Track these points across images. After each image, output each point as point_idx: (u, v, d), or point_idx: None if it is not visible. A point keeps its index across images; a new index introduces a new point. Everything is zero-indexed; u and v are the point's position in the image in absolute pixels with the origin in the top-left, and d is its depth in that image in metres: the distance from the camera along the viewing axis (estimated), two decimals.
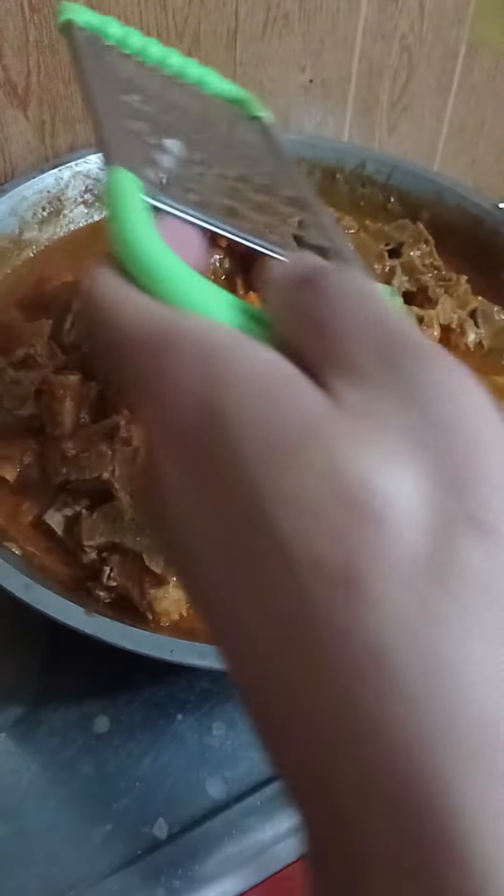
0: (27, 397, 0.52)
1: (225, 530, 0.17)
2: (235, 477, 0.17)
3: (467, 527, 0.15)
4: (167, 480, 0.19)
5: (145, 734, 0.47)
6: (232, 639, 0.18)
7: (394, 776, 0.15)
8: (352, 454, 0.16)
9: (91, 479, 0.48)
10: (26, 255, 0.66)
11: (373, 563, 0.15)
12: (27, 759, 0.45)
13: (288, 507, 0.16)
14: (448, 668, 0.15)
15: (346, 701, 0.15)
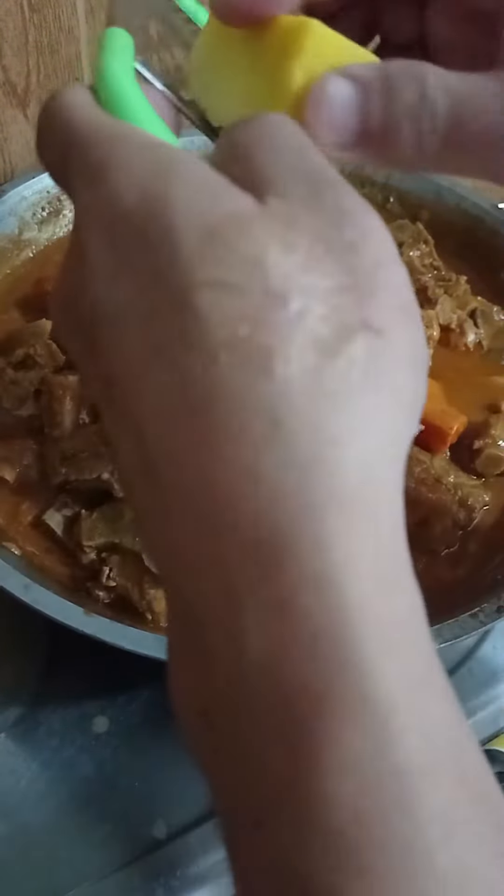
0: (26, 397, 0.52)
1: (145, 309, 0.19)
2: (165, 259, 0.18)
3: (363, 327, 0.18)
4: (95, 263, 0.20)
5: (144, 734, 0.47)
6: (138, 412, 0.19)
7: (280, 533, 0.17)
8: (278, 251, 0.18)
9: (90, 479, 0.48)
10: (26, 255, 0.66)
11: (283, 345, 0.17)
12: (27, 760, 0.45)
13: (213, 288, 0.18)
14: (336, 438, 0.17)
15: (247, 470, 0.17)
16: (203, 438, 0.18)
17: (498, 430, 0.53)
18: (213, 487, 0.17)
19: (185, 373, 0.18)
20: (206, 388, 0.18)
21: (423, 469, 0.50)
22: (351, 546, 0.17)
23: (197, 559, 0.18)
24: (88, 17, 0.65)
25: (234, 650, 0.17)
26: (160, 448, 0.18)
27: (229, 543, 0.17)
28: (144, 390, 0.19)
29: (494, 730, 0.51)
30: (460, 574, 0.49)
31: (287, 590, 0.17)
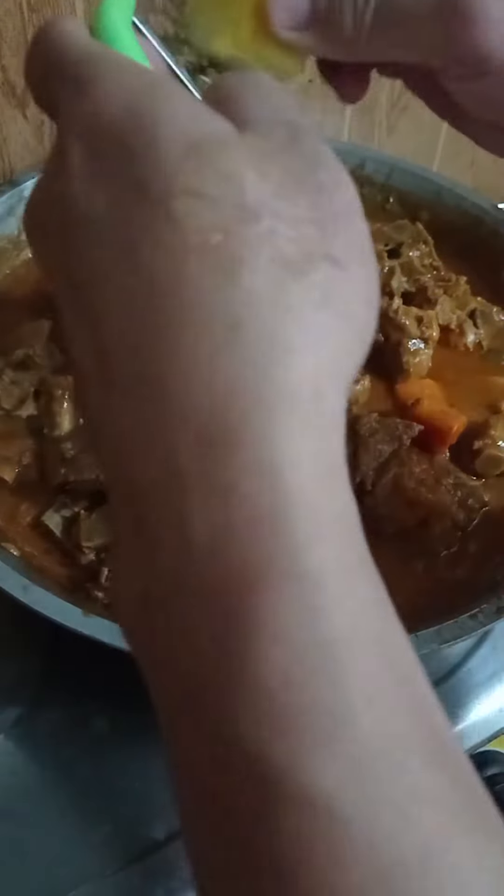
0: (26, 398, 0.52)
1: (120, 213, 0.20)
2: (147, 167, 0.20)
3: (325, 257, 0.20)
4: (74, 169, 0.21)
5: (144, 735, 0.47)
6: (101, 309, 0.20)
7: (230, 425, 0.18)
8: (254, 175, 0.20)
9: (90, 480, 0.48)
10: (25, 255, 0.66)
11: (251, 256, 0.19)
12: (26, 760, 0.45)
13: (191, 197, 0.19)
14: (292, 346, 0.19)
15: (204, 365, 0.19)
16: (164, 334, 0.19)
17: (498, 430, 0.53)
18: (168, 378, 0.19)
19: (154, 272, 0.19)
20: (172, 287, 0.19)
21: (423, 469, 0.50)
22: (295, 443, 0.19)
23: (146, 447, 0.19)
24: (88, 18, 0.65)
25: (179, 533, 0.18)
26: (119, 343, 0.20)
27: (179, 432, 0.19)
28: (110, 289, 0.20)
29: (494, 730, 0.51)
30: (460, 574, 0.49)
31: (233, 476, 0.18)
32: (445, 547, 0.50)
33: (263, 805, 0.17)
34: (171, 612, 0.19)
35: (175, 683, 0.19)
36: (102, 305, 0.20)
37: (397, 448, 0.51)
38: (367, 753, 0.18)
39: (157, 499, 0.19)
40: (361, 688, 0.18)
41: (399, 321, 0.57)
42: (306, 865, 0.17)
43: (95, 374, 0.20)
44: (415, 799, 0.18)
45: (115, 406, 0.20)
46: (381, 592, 0.20)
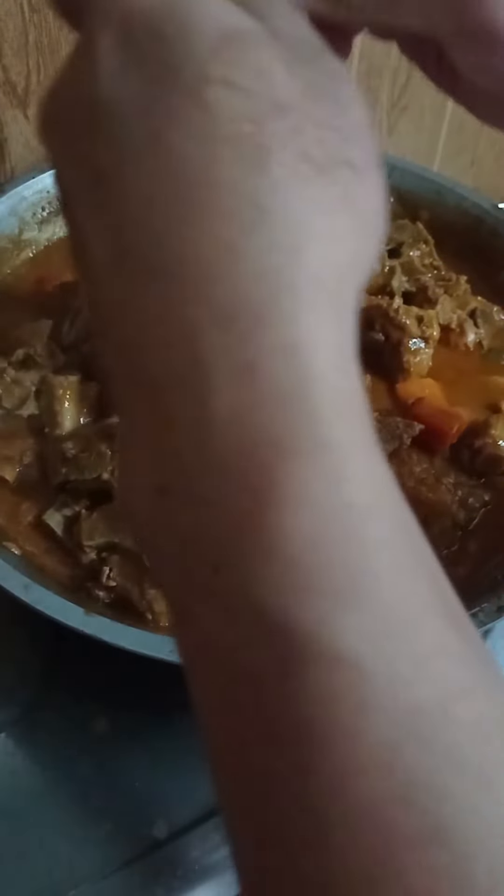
0: (27, 397, 0.52)
1: (150, 100, 0.20)
2: (181, 54, 0.20)
3: (346, 161, 0.20)
4: (104, 57, 0.20)
5: (144, 735, 0.47)
6: (125, 197, 0.20)
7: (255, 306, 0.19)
8: (284, 73, 0.20)
9: (91, 479, 0.48)
10: (26, 255, 0.66)
11: (280, 149, 0.19)
12: (27, 760, 0.45)
13: (224, 86, 0.19)
14: (317, 235, 0.19)
15: (231, 247, 0.19)
16: (191, 217, 0.19)
17: (498, 430, 0.53)
18: (194, 261, 0.19)
19: (183, 157, 0.19)
20: (201, 172, 0.19)
21: (423, 469, 0.51)
22: (319, 326, 0.19)
23: (167, 330, 0.19)
24: None
25: (200, 412, 0.19)
26: (143, 229, 0.20)
27: (203, 313, 0.19)
28: (135, 173, 0.20)
29: None
30: (460, 574, 0.49)
31: (257, 354, 0.19)
32: (445, 546, 0.50)
33: (290, 665, 0.18)
34: (193, 493, 0.19)
35: (197, 565, 0.19)
36: (126, 190, 0.20)
37: (398, 447, 0.51)
38: (390, 611, 0.18)
39: (176, 380, 0.19)
40: (385, 551, 0.19)
41: (399, 321, 0.57)
42: (332, 718, 0.18)
43: (112, 264, 0.20)
44: (438, 653, 0.19)
45: (134, 294, 0.20)
46: (392, 473, 0.20)
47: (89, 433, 0.49)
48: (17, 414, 0.52)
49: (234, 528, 0.19)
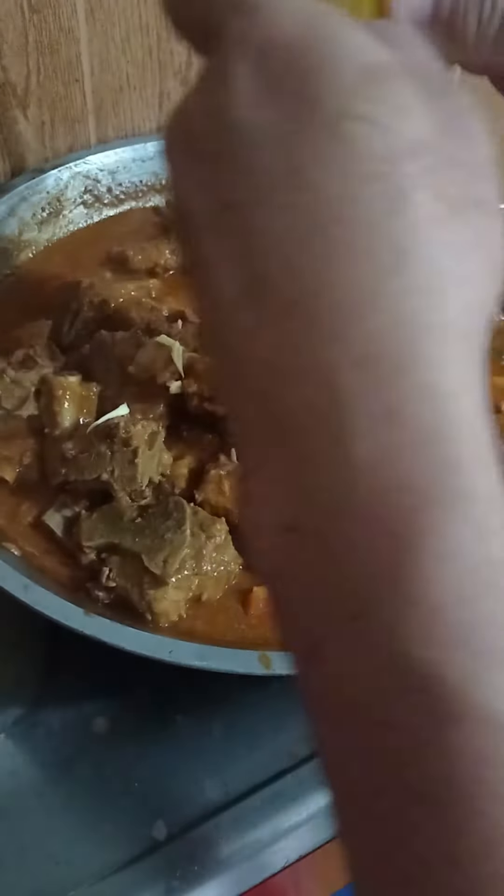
0: (27, 398, 0.52)
1: (289, 132, 0.20)
2: (323, 87, 0.19)
3: (477, 202, 0.20)
4: (241, 86, 0.20)
5: (144, 735, 0.47)
6: (257, 230, 0.20)
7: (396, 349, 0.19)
8: (423, 110, 0.20)
9: (90, 479, 0.48)
10: (26, 255, 0.66)
11: (416, 189, 0.19)
12: (26, 760, 0.45)
13: (366, 123, 0.19)
14: (454, 277, 0.19)
15: (370, 290, 0.19)
16: (330, 256, 0.19)
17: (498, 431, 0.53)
18: (332, 301, 0.19)
19: (322, 193, 0.19)
20: (340, 210, 0.19)
21: None
22: (459, 371, 0.19)
23: (304, 370, 0.19)
24: (88, 18, 0.65)
25: (340, 454, 0.19)
26: (278, 265, 0.19)
27: (342, 354, 0.19)
28: (271, 207, 0.19)
29: None
30: None
31: (399, 398, 0.18)
32: None
33: (434, 720, 0.17)
34: (328, 534, 0.19)
35: (332, 608, 0.19)
36: (260, 225, 0.20)
37: None
38: None
39: (315, 420, 0.19)
40: None
41: None
42: (481, 779, 0.17)
43: (242, 299, 0.20)
44: None
45: (266, 326, 0.20)
46: None
47: (89, 434, 0.49)
48: (17, 414, 0.52)
49: (374, 574, 0.18)
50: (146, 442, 0.48)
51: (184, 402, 0.51)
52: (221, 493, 0.49)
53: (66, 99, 0.68)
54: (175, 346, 0.51)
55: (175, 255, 0.66)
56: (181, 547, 0.45)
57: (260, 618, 0.47)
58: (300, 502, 0.19)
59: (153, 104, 0.74)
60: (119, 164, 0.70)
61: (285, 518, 0.20)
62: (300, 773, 0.46)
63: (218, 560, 0.47)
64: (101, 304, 0.58)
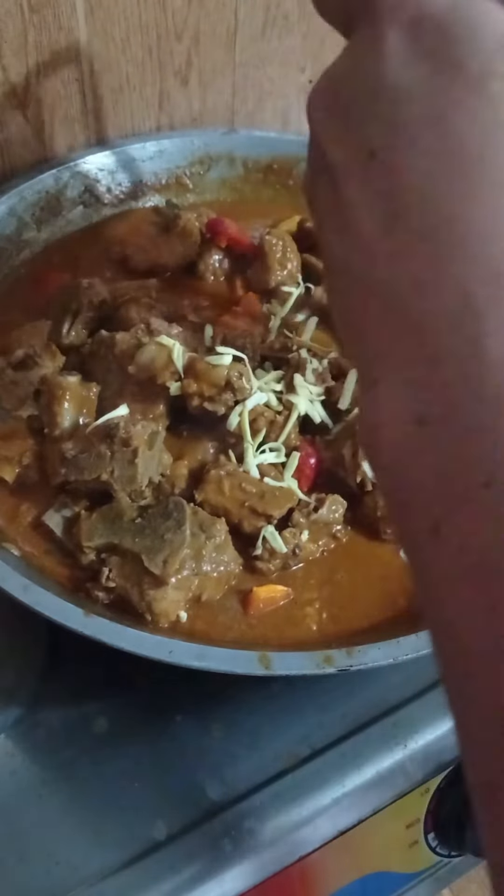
0: (26, 398, 0.52)
1: (434, 87, 0.23)
2: (467, 51, 0.23)
3: None
4: (392, 49, 0.24)
5: (144, 735, 0.47)
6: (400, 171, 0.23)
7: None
8: None
9: (90, 479, 0.48)
10: (25, 255, 0.66)
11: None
12: (26, 760, 0.45)
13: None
14: None
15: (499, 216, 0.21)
16: (465, 188, 0.22)
17: None
18: (466, 224, 0.21)
19: (464, 139, 0.22)
20: (480, 152, 0.22)
21: None
22: None
23: (442, 282, 0.22)
24: (88, 18, 0.65)
25: (473, 349, 0.21)
26: (421, 199, 0.22)
27: (478, 271, 0.21)
28: (416, 152, 0.22)
29: None
30: None
31: None
32: None
33: None
34: (462, 422, 0.21)
35: (464, 485, 0.21)
36: (405, 163, 0.23)
37: None
38: None
39: (449, 324, 0.21)
40: None
41: None
42: None
43: (384, 228, 0.23)
44: None
45: (407, 253, 0.22)
46: None
47: (88, 434, 0.49)
48: (17, 414, 0.52)
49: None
50: (146, 442, 0.48)
51: (184, 402, 0.51)
52: (221, 493, 0.49)
53: (65, 99, 0.68)
54: (175, 346, 0.51)
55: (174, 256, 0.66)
56: (181, 547, 0.45)
57: (260, 618, 0.47)
58: (436, 395, 0.22)
59: (153, 104, 0.74)
60: (119, 164, 0.70)
61: (417, 411, 0.22)
62: (300, 773, 0.46)
63: (218, 560, 0.47)
64: (101, 304, 0.58)
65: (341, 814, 0.45)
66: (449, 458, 0.21)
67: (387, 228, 0.23)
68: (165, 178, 0.73)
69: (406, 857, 0.53)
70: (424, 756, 0.48)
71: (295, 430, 0.53)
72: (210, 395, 0.50)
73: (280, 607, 0.48)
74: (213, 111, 0.77)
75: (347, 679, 0.46)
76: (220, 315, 0.61)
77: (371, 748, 0.47)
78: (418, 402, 0.22)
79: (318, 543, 0.50)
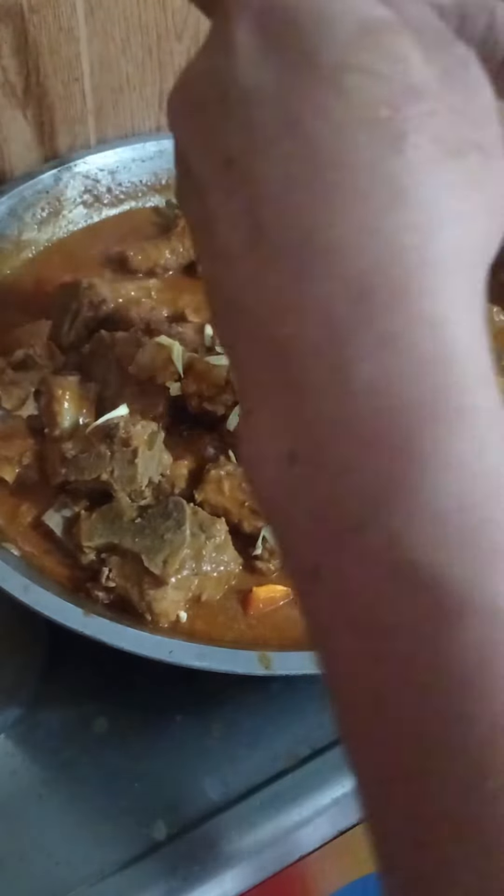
0: (26, 398, 0.52)
1: (286, 86, 0.21)
2: (318, 42, 0.20)
3: (476, 146, 0.21)
4: (241, 46, 0.21)
5: (144, 735, 0.47)
6: (258, 180, 0.21)
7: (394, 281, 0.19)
8: (420, 59, 0.21)
9: (90, 479, 0.48)
10: (25, 255, 0.66)
11: (416, 133, 0.20)
12: (26, 760, 0.45)
13: (362, 73, 0.20)
14: (451, 215, 0.20)
15: (368, 227, 0.19)
16: (329, 199, 0.20)
17: None
18: (331, 240, 0.20)
19: (320, 141, 0.20)
20: (338, 156, 0.20)
21: None
22: (457, 302, 0.20)
23: (301, 303, 0.20)
24: (88, 18, 0.65)
25: (338, 377, 0.19)
26: (279, 210, 0.20)
27: (341, 288, 0.19)
28: (272, 157, 0.20)
29: None
30: None
31: (398, 325, 0.19)
32: None
33: (444, 618, 0.18)
34: (330, 458, 0.20)
35: (336, 528, 0.20)
36: (261, 172, 0.21)
37: None
38: None
39: (312, 350, 0.20)
40: None
41: None
42: (490, 668, 0.18)
43: (245, 242, 0.21)
44: None
45: (267, 271, 0.21)
46: None
47: (88, 434, 0.49)
48: (17, 414, 0.52)
49: (377, 489, 0.19)
50: (146, 442, 0.48)
51: (184, 402, 0.51)
52: (221, 493, 0.49)
53: (65, 99, 0.68)
54: (175, 346, 0.51)
55: (174, 256, 0.66)
56: (181, 547, 0.45)
57: (260, 618, 0.47)
58: (301, 431, 0.20)
59: (153, 104, 0.74)
60: (119, 164, 0.70)
61: (287, 448, 0.20)
62: (300, 773, 0.46)
63: (218, 560, 0.47)
64: (100, 304, 0.58)
65: (341, 814, 0.45)
66: (319, 500, 0.20)
67: (250, 244, 0.21)
68: (165, 178, 0.73)
69: None
70: None
71: None
72: (210, 395, 0.50)
73: (280, 607, 0.48)
74: None
75: None
76: None
77: None
78: (288, 437, 0.20)
79: None
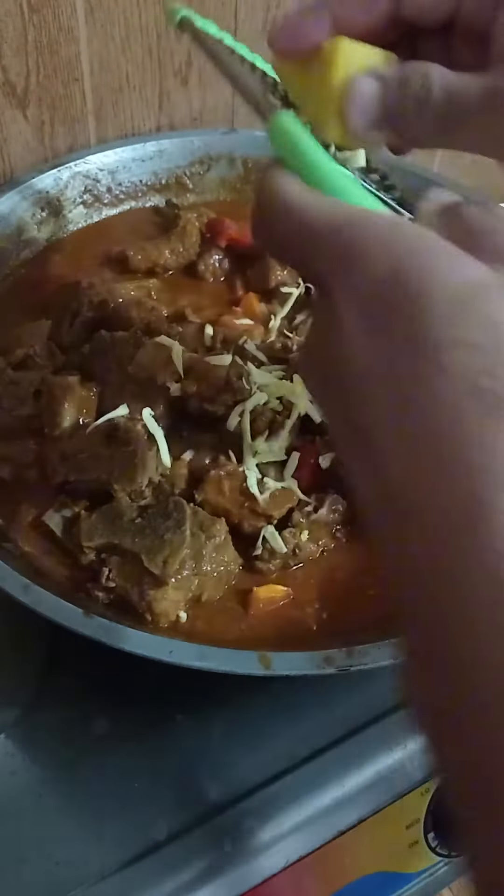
0: (26, 398, 0.52)
1: (395, 367, 0.23)
2: (418, 324, 0.22)
3: None
4: (351, 330, 0.24)
5: (144, 735, 0.47)
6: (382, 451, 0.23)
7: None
8: None
9: (90, 479, 0.48)
10: (25, 255, 0.66)
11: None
12: (26, 761, 0.45)
13: (459, 347, 0.22)
14: None
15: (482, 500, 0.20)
16: (443, 471, 0.21)
17: None
18: (445, 511, 0.21)
19: (430, 419, 0.22)
20: (449, 430, 0.21)
21: None
22: None
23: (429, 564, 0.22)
24: (88, 18, 0.65)
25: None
26: (399, 480, 0.22)
27: (459, 562, 0.21)
28: (390, 433, 0.23)
29: None
30: None
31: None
32: None
33: None
34: None
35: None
36: (383, 446, 0.23)
37: None
38: None
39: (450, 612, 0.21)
40: None
41: None
42: None
43: (377, 498, 0.24)
44: None
45: (397, 526, 0.23)
46: None
47: (88, 434, 0.49)
48: (17, 414, 0.52)
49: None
50: (146, 442, 0.48)
51: (184, 402, 0.51)
52: (221, 493, 0.49)
53: (65, 99, 0.68)
54: (175, 347, 0.51)
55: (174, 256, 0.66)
56: (181, 547, 0.45)
57: (260, 618, 0.47)
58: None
59: (153, 104, 0.74)
60: (119, 164, 0.70)
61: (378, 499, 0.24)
62: (300, 773, 0.46)
63: (218, 560, 0.47)
64: (100, 304, 0.58)
65: (341, 814, 0.45)
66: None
67: (380, 500, 0.23)
68: (165, 178, 0.73)
69: (406, 857, 0.53)
70: (424, 756, 0.48)
71: (295, 430, 0.53)
72: (210, 395, 0.50)
73: (280, 607, 0.48)
74: (213, 111, 0.77)
75: (347, 679, 0.46)
76: (220, 315, 0.61)
77: (371, 748, 0.47)
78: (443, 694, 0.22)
79: (318, 543, 0.50)
